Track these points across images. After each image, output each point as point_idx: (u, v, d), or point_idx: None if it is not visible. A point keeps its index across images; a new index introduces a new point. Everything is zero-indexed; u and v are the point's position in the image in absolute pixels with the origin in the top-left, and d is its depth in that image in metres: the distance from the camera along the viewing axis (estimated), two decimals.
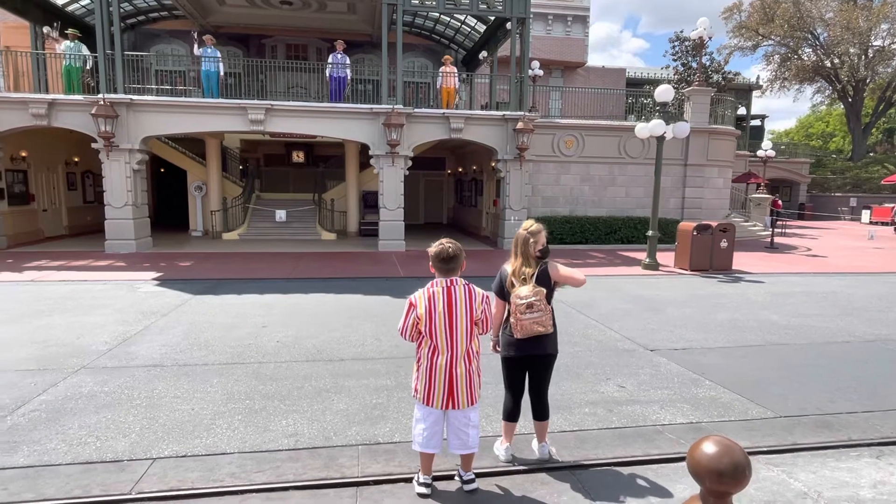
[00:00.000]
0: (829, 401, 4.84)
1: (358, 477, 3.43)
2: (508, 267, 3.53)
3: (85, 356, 5.65)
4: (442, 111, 14.81)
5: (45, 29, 15.00)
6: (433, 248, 3.17)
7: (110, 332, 6.57)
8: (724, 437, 1.37)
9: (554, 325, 3.51)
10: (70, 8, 16.51)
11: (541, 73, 20.78)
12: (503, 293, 3.52)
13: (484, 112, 15.78)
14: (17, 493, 3.20)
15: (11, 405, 4.41)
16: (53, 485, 3.29)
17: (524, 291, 3.35)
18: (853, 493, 3.37)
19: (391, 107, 13.93)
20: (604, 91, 21.54)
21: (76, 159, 17.36)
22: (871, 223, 27.79)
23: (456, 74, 15.70)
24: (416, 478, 3.34)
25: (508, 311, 3.51)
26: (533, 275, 3.42)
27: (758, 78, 34.65)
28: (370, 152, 14.48)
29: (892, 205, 28.84)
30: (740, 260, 13.22)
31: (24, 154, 14.95)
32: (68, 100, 13.13)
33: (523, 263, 3.45)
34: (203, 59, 14.04)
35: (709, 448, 1.31)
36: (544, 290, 3.39)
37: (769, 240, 17.34)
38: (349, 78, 15.05)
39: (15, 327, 6.71)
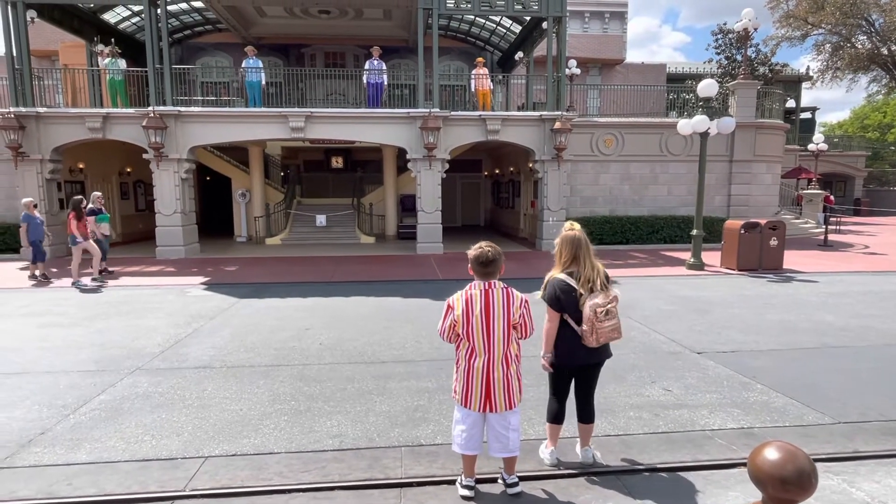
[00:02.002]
0: (893, 406, 4.57)
1: (402, 478, 3.45)
2: (560, 275, 3.36)
3: (140, 358, 5.89)
4: (478, 113, 14.81)
5: (98, 47, 15.78)
6: (472, 251, 3.17)
7: (163, 334, 6.83)
8: (788, 442, 1.31)
9: None
10: (122, 26, 17.37)
11: (578, 71, 20.52)
12: (562, 305, 3.33)
13: (520, 113, 15.68)
14: (80, 488, 3.35)
15: (74, 404, 4.64)
16: (113, 480, 3.44)
17: (601, 300, 3.24)
18: None
19: (428, 110, 14.02)
20: (643, 88, 21.10)
21: (129, 170, 18.19)
22: None
23: (488, 76, 15.65)
24: (459, 480, 3.33)
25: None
26: (608, 280, 3.36)
27: (807, 69, 33.23)
28: (407, 156, 14.61)
29: None
30: (792, 259, 12.68)
31: (81, 166, 15.78)
32: (121, 113, 13.77)
33: (591, 268, 3.32)
34: (246, 69, 14.47)
35: (771, 454, 1.26)
36: (618, 296, 3.34)
37: (822, 237, 16.56)
38: (386, 83, 15.21)
39: (76, 330, 7.06)
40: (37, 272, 10.61)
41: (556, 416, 3.60)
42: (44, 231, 10.79)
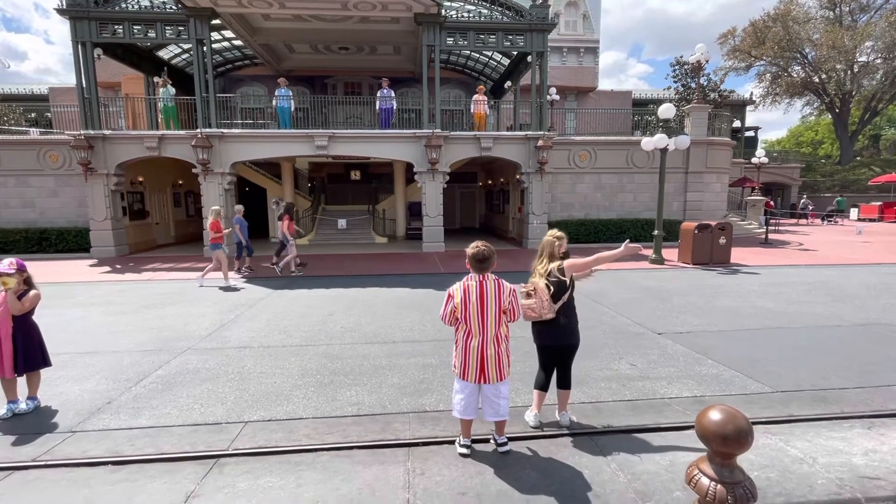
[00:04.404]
0: (822, 378, 4.57)
1: (410, 439, 3.46)
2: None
3: (190, 340, 5.90)
4: (474, 133, 14.76)
5: (156, 78, 15.78)
6: (470, 249, 3.17)
7: (210, 320, 6.83)
8: (729, 406, 1.32)
9: (575, 318, 3.53)
10: (174, 61, 17.33)
11: (557, 97, 20.47)
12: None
13: (509, 133, 15.63)
14: (141, 448, 3.38)
15: (135, 378, 4.66)
16: (168, 442, 3.46)
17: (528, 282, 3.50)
18: (846, 460, 3.18)
19: (431, 131, 13.99)
20: (613, 111, 21.04)
21: (180, 182, 18.15)
22: (857, 219, 26.10)
23: (485, 102, 15.64)
24: (457, 440, 3.35)
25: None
26: (546, 271, 3.48)
27: (751, 94, 33.10)
28: (414, 169, 14.57)
29: (879, 202, 27.02)
30: (738, 254, 12.64)
31: (140, 179, 15.76)
32: (174, 134, 13.76)
33: (542, 262, 3.57)
34: (278, 97, 14.47)
35: (715, 415, 1.27)
36: (540, 284, 3.43)
37: (764, 236, 16.52)
38: (395, 108, 15.18)
39: (137, 317, 7.07)
40: (244, 266, 11.09)
41: (542, 385, 3.66)
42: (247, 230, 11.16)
